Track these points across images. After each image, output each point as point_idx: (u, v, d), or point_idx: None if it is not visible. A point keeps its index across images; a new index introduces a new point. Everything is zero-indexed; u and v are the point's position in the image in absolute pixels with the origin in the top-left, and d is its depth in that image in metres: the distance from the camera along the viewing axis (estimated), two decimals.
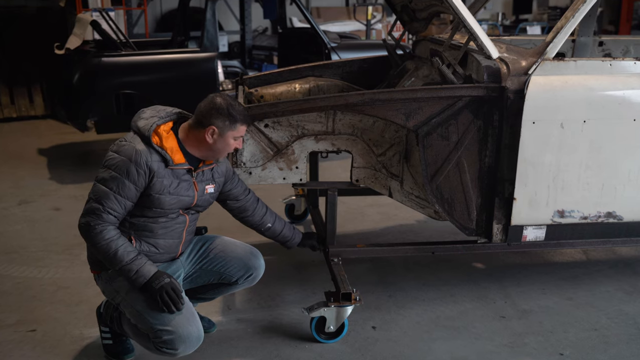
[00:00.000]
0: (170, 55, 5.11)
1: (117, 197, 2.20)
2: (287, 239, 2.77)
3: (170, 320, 2.21)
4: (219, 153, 2.35)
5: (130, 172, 2.20)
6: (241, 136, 2.36)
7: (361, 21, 9.75)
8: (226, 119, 2.27)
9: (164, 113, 2.35)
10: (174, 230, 2.40)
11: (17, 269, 3.41)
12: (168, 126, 2.33)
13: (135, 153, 2.21)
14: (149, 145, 2.24)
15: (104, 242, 2.19)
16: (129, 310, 2.30)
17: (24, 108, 7.25)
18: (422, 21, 3.48)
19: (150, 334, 2.24)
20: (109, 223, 2.21)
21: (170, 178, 2.28)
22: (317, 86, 3.53)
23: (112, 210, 2.20)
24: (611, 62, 2.72)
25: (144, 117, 2.31)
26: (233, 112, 2.28)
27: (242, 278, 2.56)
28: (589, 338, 2.75)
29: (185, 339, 2.21)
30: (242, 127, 2.34)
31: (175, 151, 2.29)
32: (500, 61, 2.67)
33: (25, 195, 4.66)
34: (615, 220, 2.84)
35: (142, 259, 2.24)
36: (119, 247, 2.20)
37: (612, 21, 11.75)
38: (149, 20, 8.94)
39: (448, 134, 2.65)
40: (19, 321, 2.85)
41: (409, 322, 2.87)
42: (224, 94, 2.34)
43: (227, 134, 2.30)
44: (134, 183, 2.21)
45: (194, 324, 2.25)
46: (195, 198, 2.38)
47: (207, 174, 2.43)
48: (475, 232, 2.81)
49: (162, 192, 2.27)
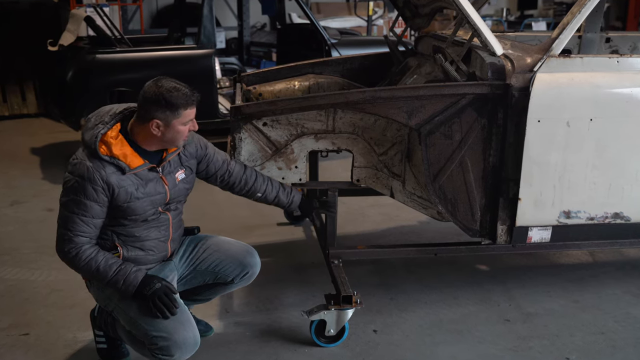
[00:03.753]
0: (167, 52, 5.08)
1: (82, 219, 2.14)
2: (283, 205, 2.71)
3: (165, 326, 2.17)
4: (173, 142, 2.24)
5: (87, 191, 2.12)
6: (190, 119, 2.23)
7: (362, 17, 9.70)
8: (165, 109, 2.13)
9: (107, 117, 2.21)
10: (158, 230, 2.35)
11: (9, 271, 3.38)
12: (115, 130, 2.19)
13: (87, 171, 2.12)
14: (99, 159, 2.14)
15: (83, 263, 2.16)
16: (123, 317, 2.27)
17: (16, 106, 7.20)
18: (424, 17, 3.46)
19: (146, 340, 2.20)
20: (82, 244, 2.16)
21: (134, 184, 2.20)
22: (317, 84, 3.51)
23: (82, 233, 2.16)
24: (618, 59, 2.69)
25: (89, 128, 2.19)
26: (170, 99, 2.13)
27: (238, 277, 2.52)
28: (596, 342, 2.73)
29: (182, 345, 2.18)
30: (187, 112, 2.18)
31: (129, 155, 2.18)
32: (504, 58, 2.64)
33: (17, 195, 4.62)
34: (623, 221, 2.81)
35: (126, 268, 2.19)
36: (99, 263, 2.16)
37: (620, 17, 11.72)
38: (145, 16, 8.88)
39: (451, 133, 2.62)
40: (11, 325, 2.82)
41: (411, 325, 2.85)
42: (159, 78, 2.19)
43: (172, 123, 2.17)
44: (94, 201, 2.14)
45: (190, 329, 2.21)
46: (167, 193, 2.31)
47: (174, 162, 2.34)
48: (479, 233, 2.78)
49: (129, 200, 2.20)
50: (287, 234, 3.88)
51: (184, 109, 2.17)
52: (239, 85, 3.40)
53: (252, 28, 9.75)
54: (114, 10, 7.17)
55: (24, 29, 7.13)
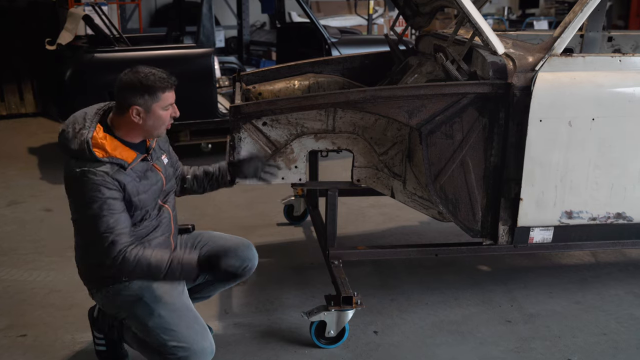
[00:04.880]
0: (165, 51, 5.06)
1: (113, 216, 2.09)
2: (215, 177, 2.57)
3: (184, 337, 2.17)
4: (155, 129, 2.19)
5: (103, 192, 2.07)
6: (170, 103, 2.18)
7: (362, 16, 9.67)
8: (144, 93, 2.08)
9: (87, 122, 2.15)
10: (161, 225, 2.33)
11: (7, 272, 3.36)
12: (100, 130, 2.14)
13: (95, 176, 2.06)
14: (99, 162, 2.09)
15: (133, 265, 2.11)
16: (138, 327, 2.24)
17: (14, 105, 7.16)
18: (425, 16, 3.45)
19: (163, 350, 2.20)
20: (126, 244, 2.11)
21: (135, 177, 2.17)
22: (317, 83, 3.49)
23: (120, 228, 2.10)
24: (621, 58, 2.68)
25: (72, 137, 2.11)
26: (147, 82, 2.08)
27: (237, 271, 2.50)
28: (598, 343, 2.72)
29: (200, 355, 2.19)
30: (166, 94, 2.13)
31: (122, 151, 2.14)
32: (506, 57, 2.63)
33: (15, 195, 4.59)
34: (625, 222, 2.80)
35: (177, 255, 2.18)
36: (150, 259, 2.13)
37: (622, 16, 11.67)
38: (143, 14, 8.85)
39: (452, 132, 2.61)
40: (9, 326, 2.81)
41: (411, 326, 2.84)
42: (135, 66, 2.14)
43: (153, 107, 2.12)
44: (114, 198, 2.10)
45: (207, 338, 2.23)
46: (163, 179, 2.30)
47: (157, 149, 2.32)
48: (480, 233, 2.77)
49: (138, 193, 2.17)
50: (286, 234, 3.86)
51: (162, 92, 2.13)
52: (239, 84, 3.39)
53: (252, 27, 9.73)
54: (113, 9, 7.14)
55: (22, 27, 7.10)
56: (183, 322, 2.20)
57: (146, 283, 2.25)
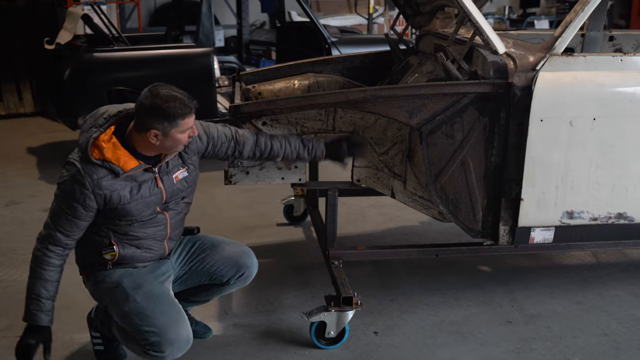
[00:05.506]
0: (165, 50, 5.03)
1: (67, 217, 2.14)
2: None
3: (157, 321, 2.17)
4: (172, 149, 2.20)
5: (75, 193, 2.12)
6: (189, 127, 2.16)
7: (363, 15, 9.65)
8: (163, 120, 2.08)
9: (102, 120, 2.16)
10: (155, 229, 2.32)
11: (6, 272, 3.35)
12: (109, 133, 2.15)
13: (78, 173, 2.11)
14: (91, 163, 2.11)
15: (34, 262, 2.18)
16: (116, 312, 2.26)
17: (12, 105, 7.15)
18: (425, 15, 3.44)
19: (137, 335, 2.20)
20: (58, 244, 2.17)
21: (127, 186, 2.17)
22: (317, 82, 3.49)
23: (62, 229, 2.16)
24: (622, 58, 2.67)
25: (84, 130, 2.16)
26: (168, 109, 2.07)
27: (233, 278, 2.49)
28: (599, 344, 2.71)
29: (173, 341, 2.17)
30: (185, 121, 2.12)
31: (122, 158, 2.14)
32: (507, 56, 2.62)
33: (14, 195, 4.59)
34: (627, 222, 2.79)
35: (37, 302, 2.18)
36: (41, 277, 2.16)
37: (623, 15, 11.63)
38: (143, 14, 8.83)
39: (453, 132, 2.60)
40: (8, 326, 2.80)
41: (412, 327, 2.83)
42: (155, 86, 2.13)
43: (171, 132, 2.13)
44: (80, 204, 2.13)
45: (183, 326, 2.20)
46: (163, 194, 2.27)
47: (173, 161, 2.29)
48: (480, 233, 2.76)
49: (123, 203, 2.17)
50: (286, 234, 3.85)
51: (182, 119, 2.12)
52: (238, 84, 3.38)
53: (251, 26, 9.72)
54: (112, 8, 7.12)
55: (21, 27, 7.09)
56: (158, 308, 2.20)
57: (128, 270, 2.28)
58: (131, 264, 2.29)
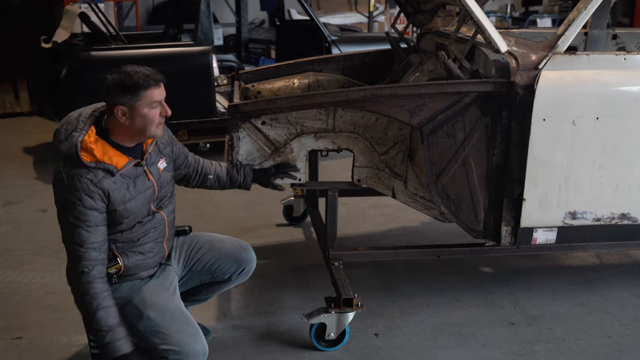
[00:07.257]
0: (163, 49, 5.03)
1: (88, 229, 2.08)
2: (238, 183, 2.64)
3: (175, 339, 2.16)
4: (145, 130, 2.13)
5: (84, 201, 2.05)
6: (156, 100, 2.09)
7: (363, 13, 9.63)
8: (126, 92, 2.03)
9: (80, 123, 2.11)
10: (155, 231, 2.30)
11: (2, 273, 3.34)
12: (92, 134, 2.10)
13: (79, 182, 2.04)
14: (85, 167, 2.06)
15: (88, 296, 2.09)
16: (130, 330, 2.21)
17: (9, 104, 7.14)
18: (427, 13, 3.42)
19: (155, 353, 2.19)
20: (95, 263, 2.10)
21: (124, 184, 2.14)
22: (317, 81, 3.47)
23: (92, 244, 2.09)
24: (625, 56, 2.65)
25: (63, 139, 2.09)
26: (128, 81, 2.03)
27: (235, 274, 2.49)
28: (602, 345, 2.71)
29: (192, 357, 2.17)
30: (149, 92, 2.06)
31: (113, 156, 2.10)
32: (509, 55, 2.61)
33: (10, 195, 4.57)
34: (630, 222, 2.78)
35: (119, 332, 2.11)
36: (100, 307, 2.09)
37: (627, 13, 11.63)
38: (141, 12, 8.80)
39: (454, 132, 2.59)
40: (4, 328, 2.79)
41: (413, 329, 2.82)
42: (121, 66, 2.10)
43: (137, 106, 2.07)
44: (94, 209, 2.08)
45: (199, 340, 2.20)
46: (155, 186, 2.25)
47: (154, 153, 2.27)
48: (482, 234, 2.75)
49: (125, 201, 2.14)
50: (286, 235, 3.84)
51: (144, 90, 2.06)
52: (237, 83, 3.37)
53: (251, 25, 9.69)
54: (109, 7, 7.10)
55: (17, 25, 7.08)
56: (174, 325, 2.18)
57: (136, 285, 2.25)
58: (137, 274, 2.26)
